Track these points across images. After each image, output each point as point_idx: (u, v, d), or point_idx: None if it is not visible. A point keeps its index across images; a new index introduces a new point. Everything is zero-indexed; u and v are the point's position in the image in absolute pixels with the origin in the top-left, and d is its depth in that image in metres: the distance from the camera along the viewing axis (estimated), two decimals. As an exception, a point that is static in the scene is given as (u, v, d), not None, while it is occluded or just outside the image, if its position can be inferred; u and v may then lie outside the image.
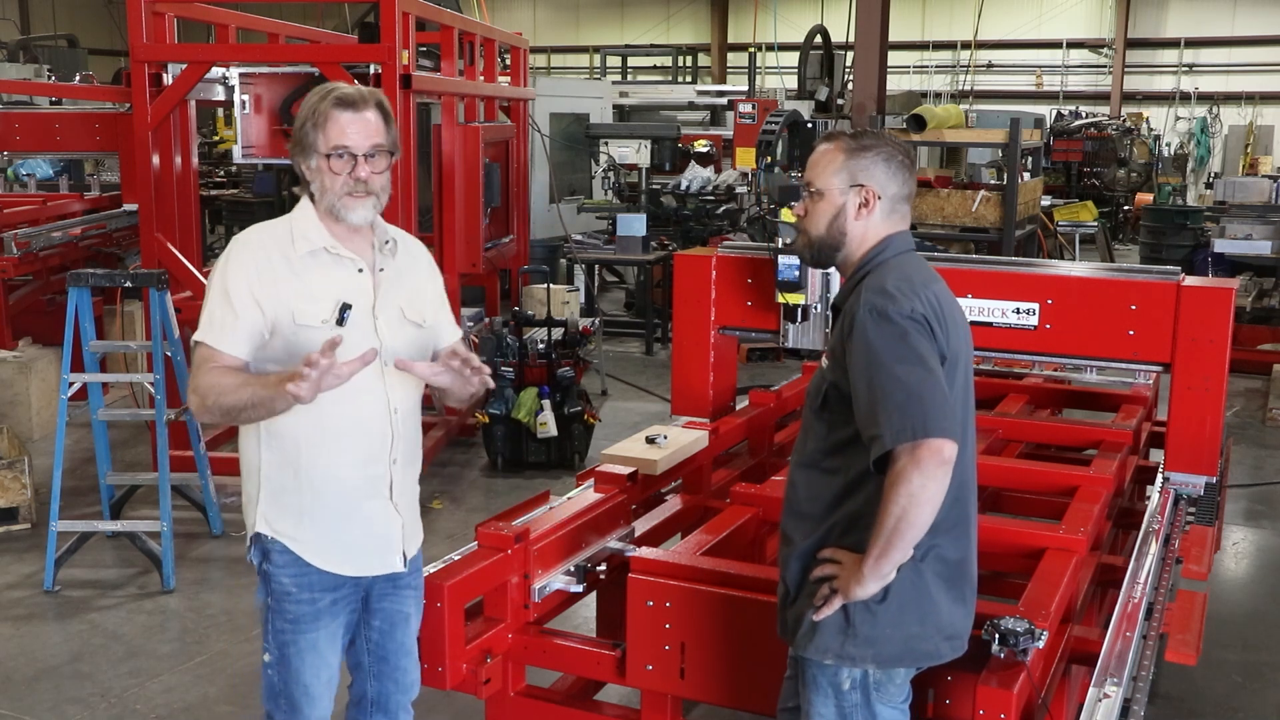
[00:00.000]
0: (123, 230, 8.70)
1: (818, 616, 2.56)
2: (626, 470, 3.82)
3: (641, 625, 3.21)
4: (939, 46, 26.69)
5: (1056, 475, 4.13)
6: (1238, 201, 13.33)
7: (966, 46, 26.04)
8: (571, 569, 3.49)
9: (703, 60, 26.52)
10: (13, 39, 19.34)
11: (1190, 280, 4.01)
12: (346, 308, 2.72)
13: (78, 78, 14.80)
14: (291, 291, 2.74)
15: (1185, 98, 25.62)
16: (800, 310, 4.45)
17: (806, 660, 2.64)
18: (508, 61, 9.75)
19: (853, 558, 2.52)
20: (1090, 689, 2.90)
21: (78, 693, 4.55)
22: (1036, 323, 4.10)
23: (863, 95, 10.79)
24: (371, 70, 6.49)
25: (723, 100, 16.41)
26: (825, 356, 2.70)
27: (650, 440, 4.05)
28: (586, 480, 3.85)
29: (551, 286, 8.25)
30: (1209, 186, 20.61)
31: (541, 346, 7.36)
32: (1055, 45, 26.19)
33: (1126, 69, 25.57)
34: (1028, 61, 26.53)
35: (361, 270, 2.82)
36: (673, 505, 4.12)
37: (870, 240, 2.66)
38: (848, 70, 12.54)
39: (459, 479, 7.19)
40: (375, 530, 2.88)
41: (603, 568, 3.60)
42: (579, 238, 11.63)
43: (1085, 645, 3.27)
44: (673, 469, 4.01)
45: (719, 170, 12.75)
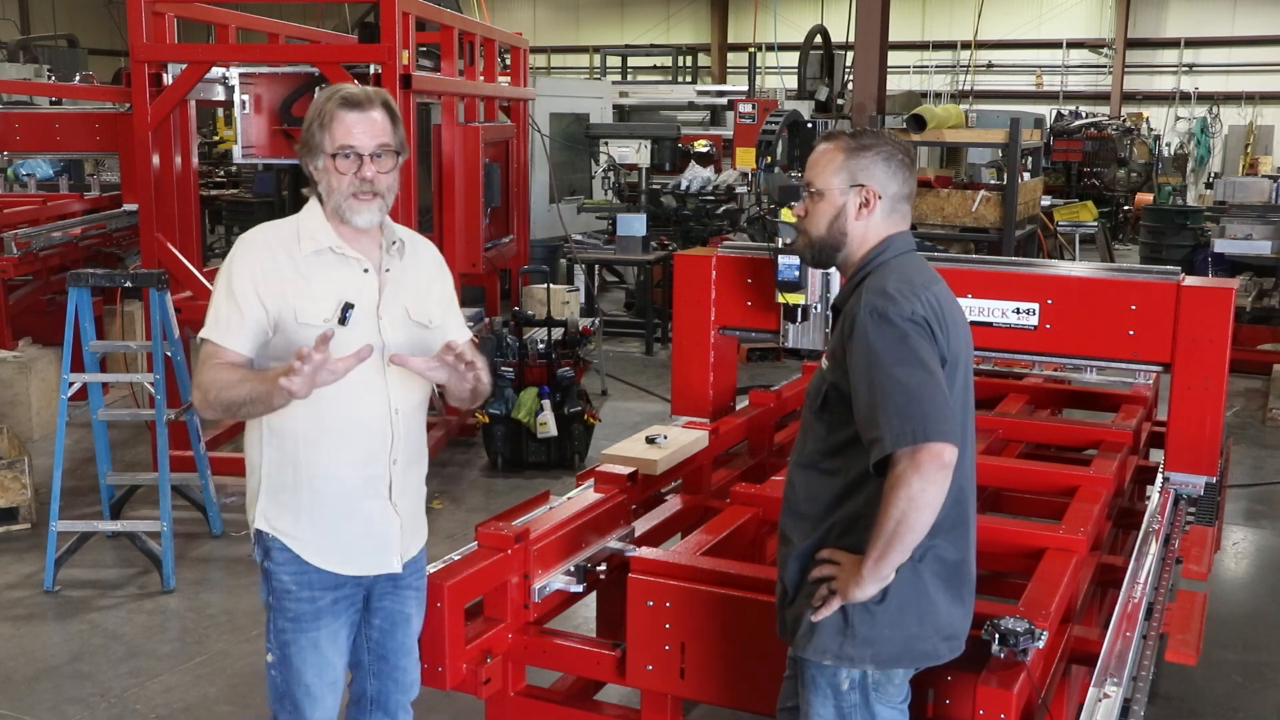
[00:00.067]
0: (123, 230, 8.70)
1: (816, 617, 2.56)
2: (626, 470, 3.82)
3: (641, 625, 3.21)
4: (939, 46, 26.69)
5: (1056, 475, 4.13)
6: (1238, 201, 13.32)
7: (966, 46, 26.05)
8: (571, 569, 3.49)
9: (703, 60, 26.52)
10: (13, 39, 19.34)
11: (1190, 280, 4.01)
12: (349, 307, 2.73)
13: (78, 78, 14.80)
14: (295, 290, 2.75)
15: (1185, 98, 25.63)
16: (800, 310, 4.45)
17: (805, 661, 2.64)
18: (508, 61, 9.75)
19: (851, 559, 2.52)
20: (1090, 689, 2.90)
21: (78, 693, 4.55)
22: (1036, 323, 4.10)
23: (863, 95, 10.80)
24: (371, 70, 6.48)
25: (723, 100, 16.41)
26: (825, 357, 2.70)
27: (650, 440, 4.05)
28: (586, 480, 3.85)
29: (551, 286, 8.25)
30: (1209, 186, 20.61)
31: (541, 346, 7.36)
32: (1055, 45, 26.20)
33: (1126, 69, 25.57)
34: (1028, 61, 26.54)
35: (367, 270, 2.83)
36: (673, 505, 4.12)
37: (871, 240, 2.66)
38: (848, 70, 12.54)
39: (459, 479, 7.19)
40: (373, 530, 2.88)
41: (603, 568, 3.60)
42: (579, 238, 11.62)
43: (1085, 645, 3.27)
44: (673, 469, 4.01)
45: (719, 170, 12.75)
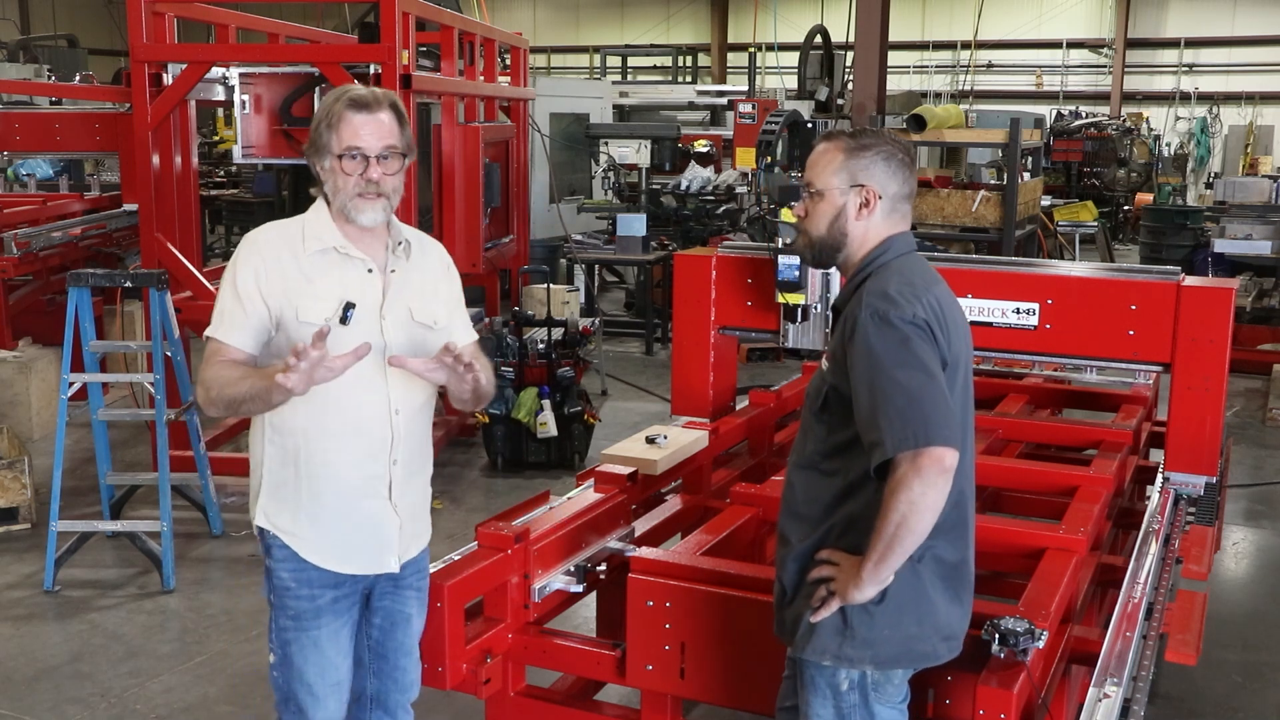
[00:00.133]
0: (123, 230, 8.70)
1: (815, 618, 2.56)
2: (626, 470, 3.82)
3: (641, 625, 3.21)
4: (939, 46, 26.69)
5: (1056, 475, 4.13)
6: (1238, 201, 13.32)
7: (966, 46, 26.05)
8: (571, 569, 3.49)
9: (703, 60, 26.52)
10: (13, 39, 19.34)
11: (1190, 280, 4.01)
12: (350, 306, 2.73)
13: (78, 78, 14.80)
14: (297, 289, 2.76)
15: (1185, 98, 25.63)
16: (800, 310, 4.44)
17: (804, 661, 2.64)
18: (508, 61, 9.75)
19: (850, 560, 2.52)
20: (1090, 689, 2.90)
21: (78, 693, 4.55)
22: (1036, 323, 4.10)
23: (863, 95, 10.80)
24: (371, 70, 6.48)
25: (723, 100, 16.41)
26: (825, 358, 2.69)
27: (650, 440, 4.05)
28: (586, 480, 3.85)
29: (551, 286, 8.25)
30: (1209, 186, 20.61)
31: (541, 346, 7.36)
32: (1055, 45, 26.20)
33: (1126, 69, 25.58)
34: (1028, 61, 26.54)
35: (371, 270, 2.83)
36: (673, 505, 4.12)
37: (871, 241, 2.65)
38: (848, 70, 12.54)
39: (459, 479, 7.19)
40: (371, 530, 2.88)
41: (603, 568, 3.60)
42: (579, 238, 11.62)
43: (1085, 645, 3.27)
44: (673, 469, 4.01)
45: (719, 170, 12.74)
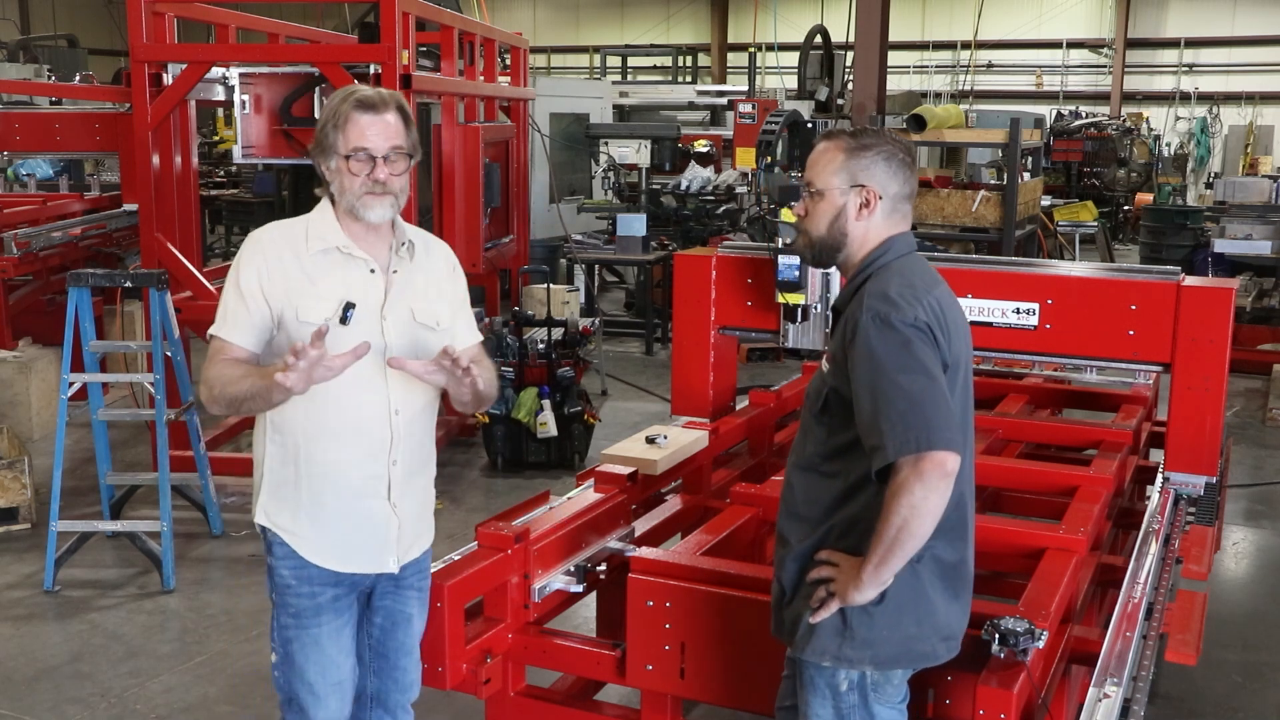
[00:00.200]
0: (123, 230, 8.70)
1: (814, 619, 2.55)
2: (626, 470, 3.82)
3: (641, 625, 3.21)
4: (939, 46, 26.69)
5: (1056, 475, 4.13)
6: (1238, 201, 13.32)
7: (966, 46, 26.05)
8: (571, 569, 3.49)
9: (703, 60, 26.52)
10: (13, 39, 19.34)
11: (1190, 280, 4.01)
12: (350, 306, 2.74)
13: (78, 78, 14.80)
14: (298, 288, 2.77)
15: (1185, 98, 25.63)
16: (800, 310, 4.44)
17: (804, 661, 2.63)
18: (508, 61, 9.75)
19: (850, 561, 2.52)
20: (1090, 689, 2.90)
21: (78, 693, 4.55)
22: (1036, 323, 4.10)
23: (863, 95, 10.80)
24: (371, 70, 6.48)
25: (723, 100, 16.41)
26: (826, 360, 2.68)
27: (650, 440, 4.05)
28: (586, 480, 3.85)
29: (551, 286, 8.25)
30: (1209, 186, 20.61)
31: (541, 346, 7.36)
32: (1055, 45, 26.20)
33: (1126, 69, 25.58)
34: (1028, 61, 26.54)
35: (373, 271, 2.83)
36: (673, 505, 4.12)
37: (872, 241, 2.64)
38: (848, 70, 12.54)
39: (459, 479, 7.19)
40: (370, 530, 2.88)
41: (603, 568, 3.60)
42: (579, 238, 11.62)
43: (1085, 645, 3.27)
44: (673, 469, 4.01)
45: (719, 170, 12.74)
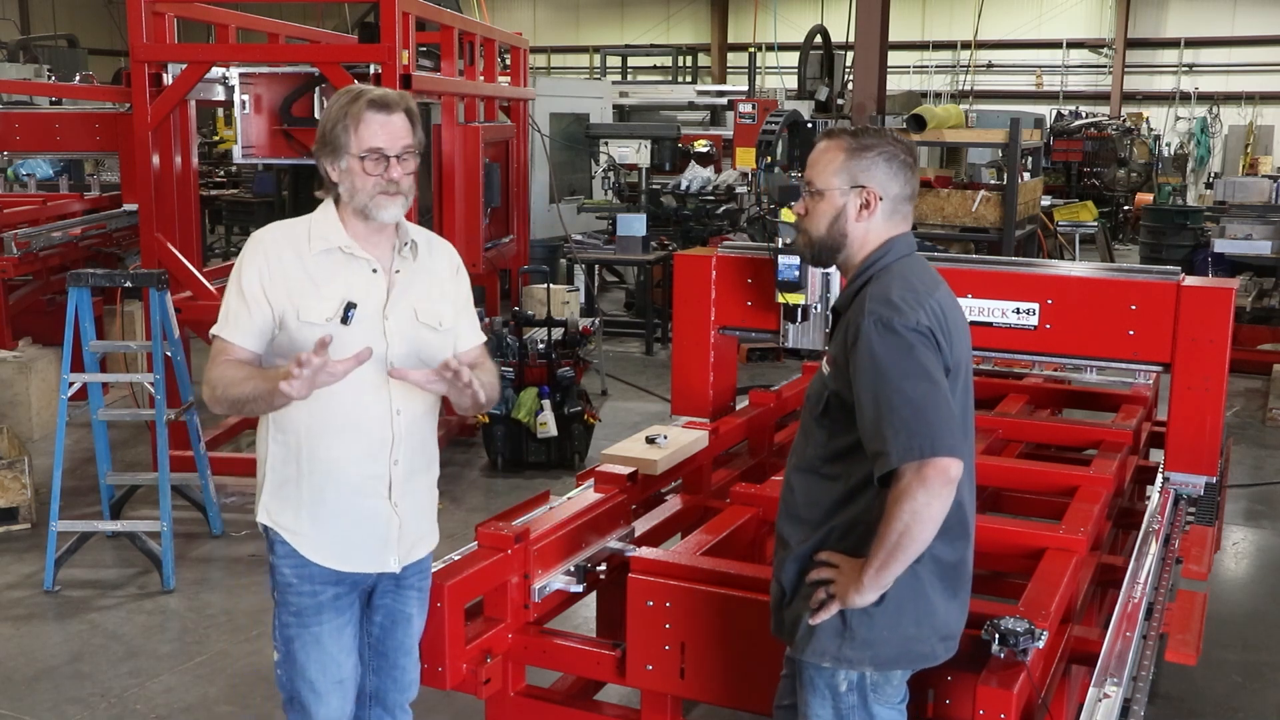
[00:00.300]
0: (123, 230, 8.70)
1: (814, 620, 2.55)
2: (626, 470, 3.82)
3: (641, 625, 3.21)
4: (939, 46, 26.69)
5: (1056, 475, 4.12)
6: (1238, 201, 13.32)
7: (966, 46, 26.05)
8: (571, 569, 3.49)
9: (703, 60, 26.52)
10: (13, 39, 19.34)
11: (1190, 280, 4.00)
12: (351, 307, 2.74)
13: (78, 78, 14.80)
14: (300, 289, 2.76)
15: (1185, 98, 25.63)
16: (800, 310, 4.44)
17: (803, 662, 2.63)
18: (508, 61, 9.75)
19: (850, 562, 2.51)
20: (1090, 689, 2.90)
21: (78, 693, 4.55)
22: (1036, 323, 4.10)
23: (863, 95, 10.80)
24: (371, 70, 6.48)
25: (723, 100, 16.41)
26: (826, 362, 2.67)
27: (650, 440, 4.05)
28: (586, 480, 3.85)
29: (551, 286, 8.25)
30: (1209, 186, 20.62)
31: (541, 346, 7.36)
32: (1055, 45, 26.20)
33: (1126, 69, 25.58)
34: (1028, 61, 26.54)
35: (376, 271, 2.83)
36: (673, 505, 4.12)
37: (872, 243, 2.63)
38: (848, 70, 12.54)
39: (459, 479, 7.19)
40: (371, 529, 2.89)
41: (603, 568, 3.60)
42: (579, 238, 11.62)
43: (1085, 645, 3.27)
44: (673, 469, 4.01)
45: (719, 170, 12.75)
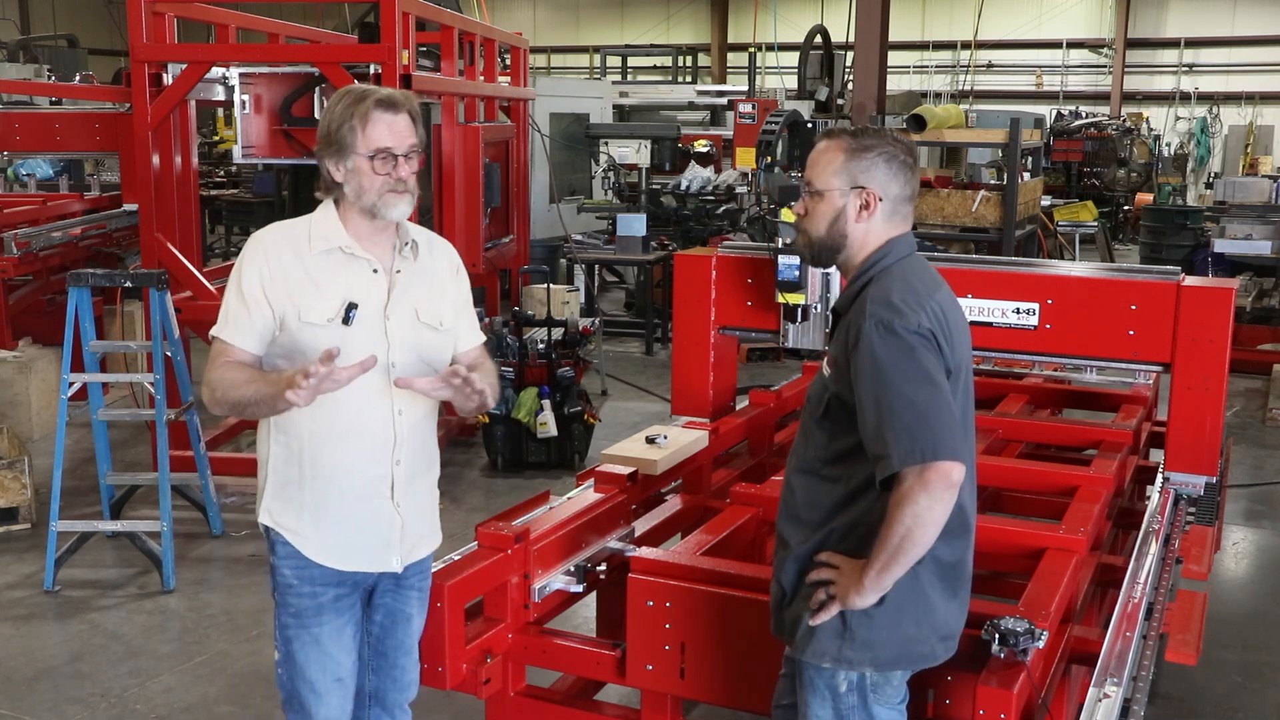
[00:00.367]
0: (123, 230, 8.70)
1: (814, 621, 2.55)
2: (626, 470, 3.82)
3: (641, 625, 3.21)
4: (939, 46, 26.69)
5: (1056, 475, 4.12)
6: (1238, 201, 13.32)
7: (966, 46, 26.05)
8: (571, 569, 3.49)
9: (703, 60, 26.52)
10: (13, 39, 19.34)
11: (1190, 280, 4.01)
12: (352, 307, 2.73)
13: (78, 78, 14.80)
14: (300, 290, 2.76)
15: (1185, 98, 25.62)
16: (800, 310, 4.44)
17: (803, 662, 2.63)
18: (508, 61, 9.75)
19: (851, 563, 2.51)
20: (1090, 689, 2.90)
21: (78, 693, 4.55)
22: (1036, 323, 4.10)
23: (863, 95, 10.80)
24: (371, 70, 6.48)
25: (723, 100, 16.41)
26: (827, 364, 2.66)
27: (650, 440, 4.05)
28: (586, 480, 3.85)
29: (551, 286, 8.25)
30: (1209, 186, 20.61)
31: (541, 346, 7.36)
32: (1055, 45, 26.20)
33: (1126, 69, 25.58)
34: (1028, 61, 26.53)
35: (376, 271, 2.83)
36: (673, 505, 4.12)
37: (872, 244, 2.62)
38: (848, 70, 12.54)
39: (459, 479, 7.19)
40: (374, 529, 2.89)
41: (603, 568, 3.60)
42: (579, 238, 11.62)
43: (1085, 645, 3.27)
44: (673, 469, 4.01)
45: (719, 170, 12.74)
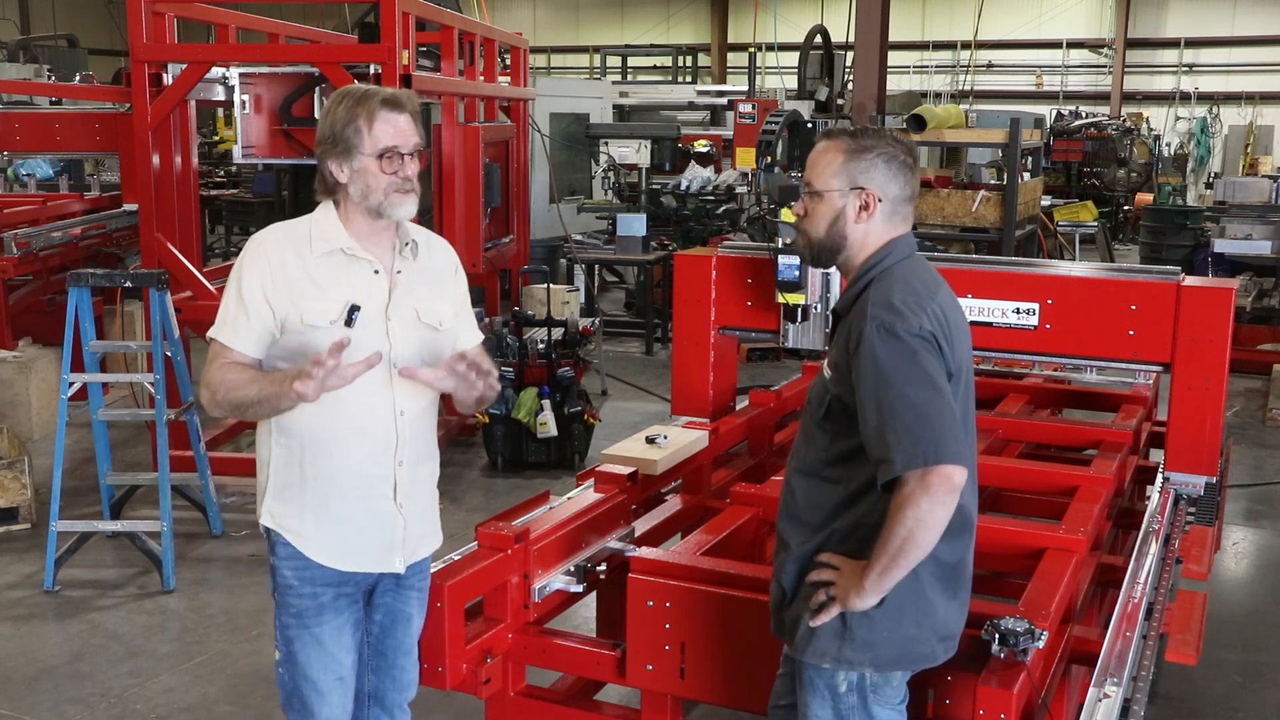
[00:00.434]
0: (123, 230, 8.70)
1: (814, 622, 2.55)
2: (626, 470, 3.82)
3: (641, 625, 3.21)
4: (939, 46, 26.69)
5: (1056, 475, 4.12)
6: (1238, 201, 13.32)
7: (966, 46, 26.05)
8: (571, 569, 3.49)
9: (703, 60, 26.52)
10: (13, 39, 19.34)
11: (1190, 280, 4.01)
12: (355, 309, 2.73)
13: (78, 78, 14.80)
14: (302, 291, 2.76)
15: (1185, 98, 25.62)
16: (800, 310, 4.45)
17: (803, 663, 2.63)
18: (508, 61, 9.75)
19: (851, 565, 2.51)
20: (1090, 689, 2.90)
21: (78, 693, 4.55)
22: (1036, 323, 4.10)
23: (863, 95, 10.80)
24: (371, 70, 6.48)
25: (723, 100, 16.41)
26: (827, 365, 2.66)
27: (650, 440, 4.05)
28: (586, 480, 3.85)
29: (551, 286, 8.25)
30: (1209, 186, 20.61)
31: (541, 346, 7.36)
32: (1055, 45, 26.20)
33: (1126, 69, 25.58)
34: (1028, 61, 26.54)
35: (377, 272, 2.83)
36: (673, 505, 4.12)
37: (871, 245, 2.61)
38: (848, 70, 12.54)
39: (459, 479, 7.19)
40: (377, 530, 2.89)
41: (603, 568, 3.60)
42: (579, 238, 11.62)
43: (1085, 645, 3.27)
44: (673, 469, 4.01)
45: (719, 170, 12.74)
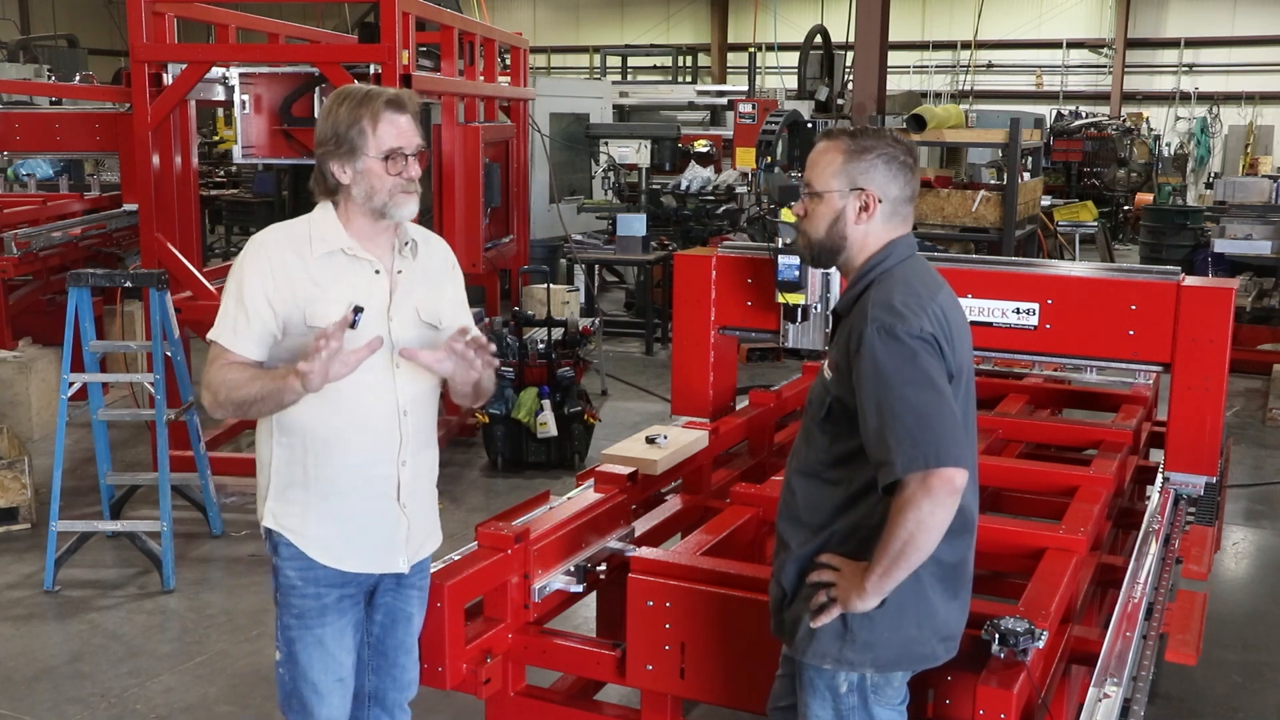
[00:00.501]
0: (123, 230, 8.70)
1: (815, 623, 2.55)
2: (626, 470, 3.82)
3: (641, 625, 3.21)
4: (939, 46, 26.69)
5: (1056, 475, 4.13)
6: (1238, 201, 13.32)
7: (966, 46, 26.05)
8: (571, 569, 3.49)
9: (703, 60, 26.53)
10: (13, 39, 19.34)
11: (1190, 280, 4.01)
12: (358, 310, 2.71)
13: (78, 78, 14.80)
14: (304, 293, 2.76)
15: (1185, 98, 25.62)
16: (800, 310, 4.45)
17: (803, 663, 2.63)
18: (508, 61, 9.75)
19: (852, 566, 2.51)
20: (1090, 689, 2.90)
21: (78, 693, 4.55)
22: (1036, 323, 4.10)
23: (863, 95, 10.80)
24: (371, 70, 6.48)
25: (723, 100, 16.41)
26: (828, 366, 2.66)
27: (650, 440, 4.05)
28: (586, 480, 3.85)
29: (551, 286, 8.25)
30: (1209, 186, 20.62)
31: (541, 346, 7.36)
32: (1055, 45, 26.20)
33: (1126, 69, 25.58)
34: (1028, 61, 26.54)
35: (378, 272, 2.83)
36: (673, 505, 4.12)
37: (872, 246, 2.61)
38: (848, 70, 12.54)
39: (459, 479, 7.19)
40: (380, 530, 2.89)
41: (603, 568, 3.60)
42: (579, 238, 11.62)
43: (1085, 645, 3.27)
44: (673, 469, 4.01)
45: (719, 170, 12.75)
